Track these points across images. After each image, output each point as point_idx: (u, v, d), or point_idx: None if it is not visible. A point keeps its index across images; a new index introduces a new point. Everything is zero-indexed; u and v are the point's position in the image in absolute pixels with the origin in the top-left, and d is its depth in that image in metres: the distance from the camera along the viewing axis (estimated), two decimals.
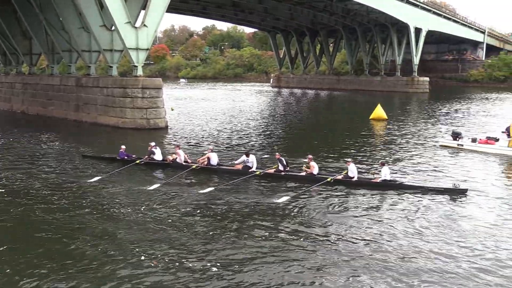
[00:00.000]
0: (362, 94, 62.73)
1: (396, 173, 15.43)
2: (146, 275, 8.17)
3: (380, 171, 14.51)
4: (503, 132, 20.65)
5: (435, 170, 16.40)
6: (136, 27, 26.51)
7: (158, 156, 17.19)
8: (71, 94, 31.14)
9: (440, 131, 26.36)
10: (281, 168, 15.19)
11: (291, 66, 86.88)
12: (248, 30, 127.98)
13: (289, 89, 75.55)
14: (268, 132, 27.04)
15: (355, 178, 14.22)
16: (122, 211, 11.70)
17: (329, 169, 16.09)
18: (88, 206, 12.04)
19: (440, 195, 13.06)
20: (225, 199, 12.72)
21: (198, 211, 11.71)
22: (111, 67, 29.59)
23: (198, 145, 21.87)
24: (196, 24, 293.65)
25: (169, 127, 27.28)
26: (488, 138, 20.64)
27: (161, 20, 27.54)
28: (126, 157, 17.41)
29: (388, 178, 13.97)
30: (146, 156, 17.15)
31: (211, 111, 38.03)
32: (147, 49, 27.60)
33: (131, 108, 26.58)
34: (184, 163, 16.50)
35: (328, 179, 14.16)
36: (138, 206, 12.03)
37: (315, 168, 14.74)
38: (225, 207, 12.06)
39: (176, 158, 16.79)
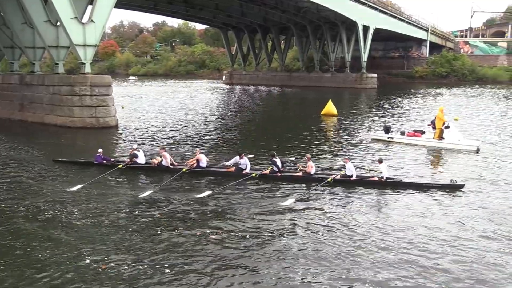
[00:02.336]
0: (313, 90, 63.86)
1: (318, 166, 15.54)
2: None
3: (377, 168, 14.40)
4: (429, 125, 21.86)
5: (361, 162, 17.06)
6: (83, 23, 25.59)
7: (141, 159, 15.97)
8: (15, 93, 29.65)
9: (381, 125, 27.39)
10: (275, 169, 14.61)
11: (243, 63, 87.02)
12: (200, 26, 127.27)
13: (241, 86, 75.67)
14: (220, 129, 26.97)
15: (354, 177, 14.00)
16: (120, 222, 10.68)
17: (322, 167, 15.83)
18: (75, 218, 10.87)
19: (438, 191, 13.26)
20: (227, 203, 12.07)
21: (203, 217, 11.05)
22: (57, 64, 28.51)
23: (152, 143, 21.45)
24: (146, 20, 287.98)
25: (120, 126, 26.62)
26: (415, 131, 22.07)
27: (109, 15, 26.72)
28: (104, 161, 16.10)
29: (386, 175, 13.92)
30: (129, 160, 15.93)
31: (163, 108, 37.44)
32: (95, 46, 26.72)
33: (79, 106, 25.69)
34: (171, 166, 15.57)
35: (329, 180, 13.81)
36: (138, 216, 11.10)
37: (312, 168, 14.40)
38: (230, 212, 11.42)
39: (162, 161, 15.76)
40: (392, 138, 21.71)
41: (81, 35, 25.38)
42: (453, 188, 13.41)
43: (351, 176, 14.04)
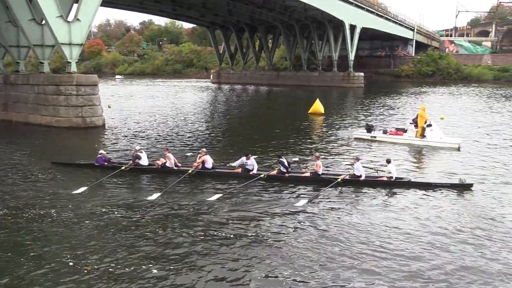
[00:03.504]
0: (301, 89, 64.14)
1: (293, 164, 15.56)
2: None
3: (386, 168, 14.41)
4: (411, 123, 22.18)
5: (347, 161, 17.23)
6: (68, 21, 25.42)
7: (144, 160, 15.62)
8: None
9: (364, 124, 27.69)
10: (283, 169, 14.49)
11: (231, 62, 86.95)
12: (187, 25, 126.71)
13: (229, 85, 75.65)
14: (208, 129, 27.03)
15: (363, 177, 14.00)
16: (130, 227, 10.42)
17: (329, 168, 15.78)
18: (83, 222, 10.69)
19: (448, 190, 13.35)
20: (242, 206, 11.89)
21: (219, 222, 10.80)
22: (42, 63, 28.25)
23: (140, 143, 21.43)
24: (133, 18, 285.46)
25: (106, 125, 26.53)
26: (397, 129, 22.34)
27: (95, 14, 26.54)
28: (106, 163, 15.73)
29: (395, 175, 13.99)
30: (131, 162, 15.56)
31: (151, 108, 37.34)
32: (81, 45, 26.55)
33: (65, 106, 25.53)
34: (175, 168, 15.28)
35: (339, 180, 13.76)
36: (148, 220, 10.87)
37: (320, 168, 14.28)
38: (246, 216, 11.20)
39: (166, 162, 15.38)
40: (375, 137, 21.88)
41: (67, 34, 25.20)
42: (462, 187, 13.53)
43: (360, 176, 14.00)
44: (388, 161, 14.35)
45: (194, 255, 9.01)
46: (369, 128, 22.50)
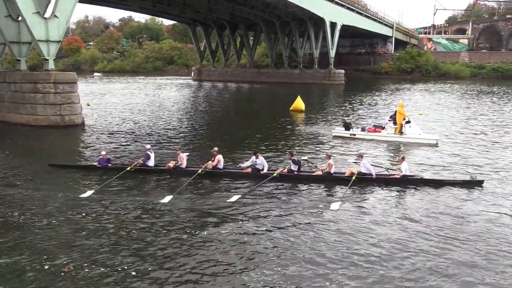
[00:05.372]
0: (283, 86, 64.29)
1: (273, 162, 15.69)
2: None
3: (400, 166, 14.39)
4: (389, 120, 22.39)
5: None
6: (45, 18, 24.95)
7: (152, 161, 14.97)
8: None
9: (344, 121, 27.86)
10: (293, 168, 14.21)
11: (212, 59, 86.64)
12: (167, 22, 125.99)
13: (210, 82, 75.41)
14: (188, 127, 26.90)
15: (373, 175, 13.91)
16: (147, 233, 9.94)
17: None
18: (97, 229, 10.08)
19: (460, 187, 13.44)
20: (265, 207, 11.54)
21: (247, 225, 10.40)
22: (19, 60, 27.66)
23: (119, 142, 21.24)
24: (112, 15, 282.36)
25: (86, 124, 26.18)
26: (375, 126, 22.56)
27: (73, 10, 26.09)
28: (109, 164, 15.11)
29: (408, 173, 14.01)
30: (140, 161, 14.88)
31: (131, 105, 36.99)
32: (59, 41, 26.09)
33: (43, 104, 25.07)
34: (187, 169, 14.64)
35: (353, 178, 13.53)
36: (165, 225, 10.34)
37: (332, 167, 14.11)
38: (273, 218, 10.85)
39: (178, 163, 14.73)
40: (354, 134, 21.87)
41: (44, 31, 24.75)
42: (473, 184, 13.65)
43: (370, 174, 13.94)
44: (403, 159, 14.41)
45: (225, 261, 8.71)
46: (347, 126, 22.43)
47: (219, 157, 14.59)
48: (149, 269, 8.31)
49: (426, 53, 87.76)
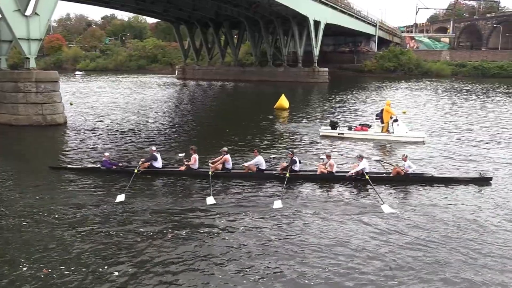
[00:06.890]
0: (267, 84, 64.30)
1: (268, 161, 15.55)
2: None
3: (404, 164, 14.41)
4: (376, 118, 22.48)
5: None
6: (26, 16, 24.48)
7: (159, 162, 14.53)
8: None
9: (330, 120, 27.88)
10: (295, 168, 14.09)
11: (196, 57, 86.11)
12: (151, 20, 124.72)
13: (195, 81, 74.95)
14: (171, 126, 26.66)
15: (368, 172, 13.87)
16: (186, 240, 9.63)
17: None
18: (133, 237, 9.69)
19: (469, 184, 13.52)
20: (304, 211, 11.39)
21: (300, 233, 10.09)
22: (0, 59, 27.22)
23: (103, 141, 20.94)
24: (94, 13, 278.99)
25: (68, 123, 25.77)
26: (362, 125, 22.53)
27: (54, 8, 25.68)
28: (114, 167, 14.66)
29: (412, 171, 14.10)
30: (147, 163, 14.32)
31: (114, 104, 36.55)
32: (40, 40, 25.63)
33: (24, 103, 24.61)
34: (199, 170, 14.31)
35: (366, 177, 13.44)
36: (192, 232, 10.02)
37: (334, 166, 14.08)
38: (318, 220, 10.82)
39: (191, 163, 14.33)
40: (342, 133, 21.89)
41: (25, 29, 24.31)
42: (482, 181, 13.78)
43: (373, 173, 14.01)
44: (405, 158, 14.43)
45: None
46: (334, 125, 22.41)
47: (227, 157, 14.39)
48: (160, 271, 8.28)
49: (409, 51, 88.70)
